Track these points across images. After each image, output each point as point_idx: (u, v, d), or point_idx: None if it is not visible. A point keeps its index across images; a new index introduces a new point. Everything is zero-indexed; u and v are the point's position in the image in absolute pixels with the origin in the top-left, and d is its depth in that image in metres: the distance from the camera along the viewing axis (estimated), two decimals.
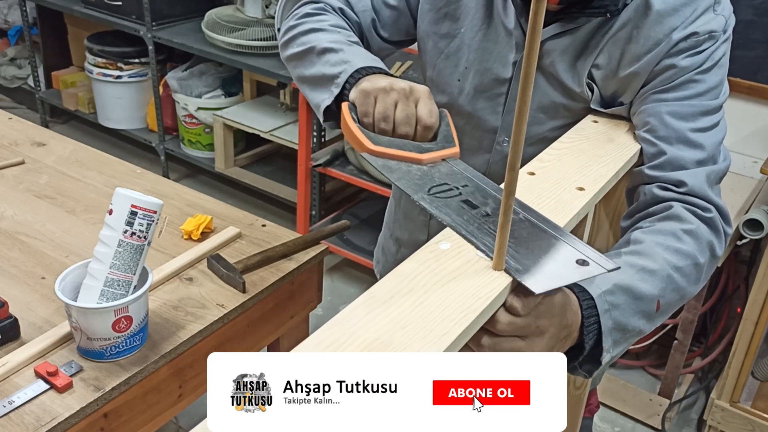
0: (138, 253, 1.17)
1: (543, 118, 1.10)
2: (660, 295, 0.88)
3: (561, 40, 1.05)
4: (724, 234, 0.99)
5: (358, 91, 0.98)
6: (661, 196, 0.99)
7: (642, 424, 2.40)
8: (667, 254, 0.91)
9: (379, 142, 0.94)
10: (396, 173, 0.91)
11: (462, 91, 1.13)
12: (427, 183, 0.90)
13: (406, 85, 0.97)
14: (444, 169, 0.93)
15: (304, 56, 1.11)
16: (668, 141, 1.00)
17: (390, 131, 0.96)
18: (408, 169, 0.92)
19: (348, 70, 1.01)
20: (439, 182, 0.90)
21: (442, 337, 0.65)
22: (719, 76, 1.02)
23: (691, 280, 0.93)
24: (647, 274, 0.88)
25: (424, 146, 0.96)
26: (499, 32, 1.09)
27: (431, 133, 0.97)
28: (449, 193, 0.88)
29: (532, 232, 0.80)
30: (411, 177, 0.91)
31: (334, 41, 1.08)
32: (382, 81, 0.97)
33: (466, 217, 0.82)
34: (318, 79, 1.07)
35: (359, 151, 0.96)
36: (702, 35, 0.99)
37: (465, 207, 0.85)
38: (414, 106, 0.96)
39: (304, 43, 1.11)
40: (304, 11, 1.17)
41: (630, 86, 1.04)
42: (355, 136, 0.95)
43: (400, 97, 0.96)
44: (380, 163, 0.93)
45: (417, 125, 0.96)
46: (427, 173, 0.92)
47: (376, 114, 0.96)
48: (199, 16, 3.28)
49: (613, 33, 1.03)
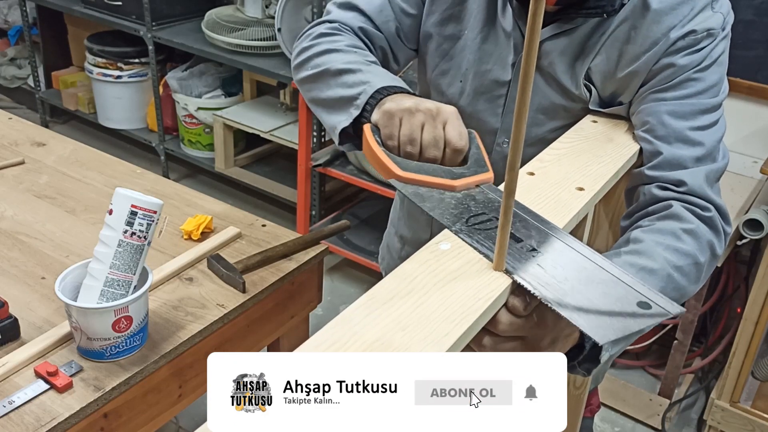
0: (138, 253, 1.17)
1: (542, 119, 1.10)
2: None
3: (559, 41, 1.05)
4: (723, 233, 0.99)
5: (382, 112, 0.93)
6: (661, 196, 0.99)
7: (642, 424, 2.40)
8: (667, 253, 0.90)
9: (408, 168, 0.88)
10: (428, 202, 0.85)
11: (462, 92, 1.13)
12: (463, 213, 0.83)
13: (432, 105, 0.92)
14: (479, 197, 0.87)
15: (319, 78, 1.06)
16: (667, 140, 1.00)
17: (416, 155, 0.91)
18: (441, 197, 0.86)
19: (368, 90, 0.97)
20: (476, 212, 0.83)
21: (443, 338, 0.65)
22: (718, 74, 1.02)
23: (691, 279, 0.93)
24: (647, 274, 0.87)
25: (455, 171, 0.89)
26: (498, 34, 1.09)
27: (461, 157, 0.92)
28: (489, 224, 0.81)
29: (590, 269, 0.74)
30: (445, 206, 0.84)
31: (351, 62, 1.03)
32: (406, 101, 0.92)
33: (511, 252, 0.76)
34: (335, 102, 1.02)
35: (386, 177, 0.89)
36: (700, 33, 0.99)
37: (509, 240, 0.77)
38: (442, 127, 0.91)
39: (319, 65, 1.06)
40: (318, 31, 1.12)
41: (629, 86, 1.04)
42: (381, 161, 0.89)
43: (426, 118, 0.91)
44: (410, 191, 0.86)
45: (446, 148, 0.91)
46: (462, 201, 0.86)
47: (402, 137, 0.91)
48: (199, 16, 3.28)
49: (611, 33, 1.03)
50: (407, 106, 0.92)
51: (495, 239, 0.74)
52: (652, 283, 0.87)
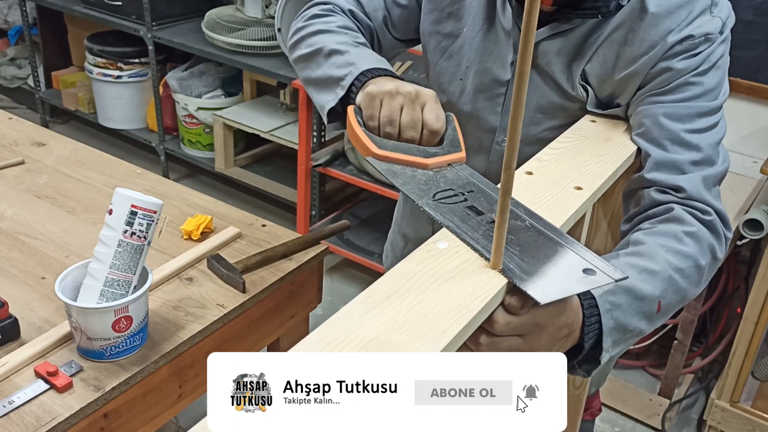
0: (138, 253, 1.17)
1: (541, 118, 1.10)
2: (661, 296, 0.88)
3: (556, 41, 1.05)
4: (724, 237, 0.99)
5: (364, 94, 0.97)
6: (660, 200, 0.98)
7: (642, 424, 2.40)
8: (668, 255, 0.90)
9: (384, 147, 0.93)
10: (400, 178, 0.90)
11: (463, 90, 1.14)
12: (431, 188, 0.88)
13: (412, 88, 0.96)
14: (449, 175, 0.92)
15: (311, 58, 1.11)
16: (662, 142, 1.00)
17: (395, 135, 0.96)
18: (413, 174, 0.91)
19: (354, 72, 1.01)
20: (444, 188, 0.89)
21: (440, 336, 0.65)
22: (717, 77, 1.01)
23: (693, 281, 0.93)
24: (649, 275, 0.88)
25: (429, 150, 0.94)
26: (498, 33, 1.09)
27: (437, 138, 0.97)
28: (454, 199, 0.87)
29: (537, 239, 0.80)
30: (416, 182, 0.90)
31: (341, 42, 1.08)
32: (388, 84, 0.96)
33: (471, 224, 0.81)
34: (324, 81, 1.06)
35: (364, 155, 0.95)
36: (697, 38, 0.99)
37: (470, 213, 0.84)
38: (420, 110, 0.95)
39: (311, 45, 1.11)
40: (312, 12, 1.17)
41: (626, 88, 1.04)
42: (360, 140, 0.94)
43: (406, 101, 0.95)
44: (384, 167, 0.92)
45: (423, 129, 0.95)
46: (432, 178, 0.91)
47: (382, 118, 0.95)
48: (199, 16, 3.28)
49: (608, 35, 1.03)
50: (388, 89, 0.95)
51: (459, 213, 0.81)
52: (653, 284, 0.87)
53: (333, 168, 2.79)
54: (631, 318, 0.85)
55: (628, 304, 0.85)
